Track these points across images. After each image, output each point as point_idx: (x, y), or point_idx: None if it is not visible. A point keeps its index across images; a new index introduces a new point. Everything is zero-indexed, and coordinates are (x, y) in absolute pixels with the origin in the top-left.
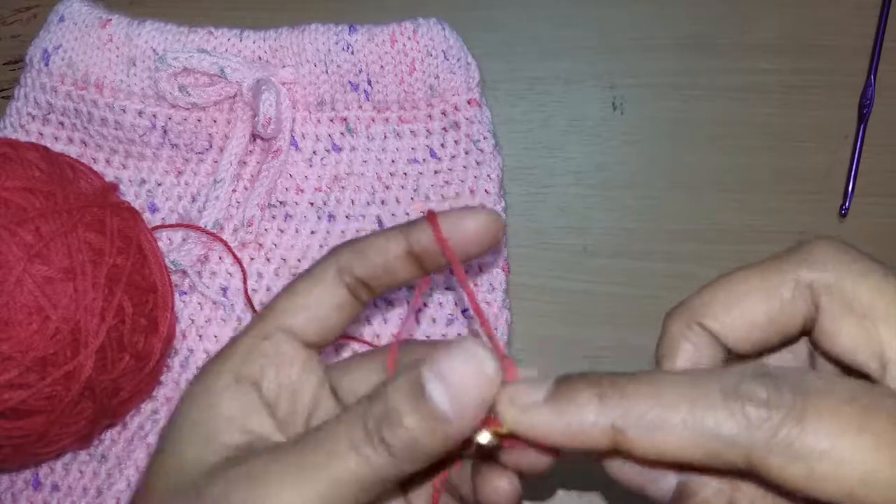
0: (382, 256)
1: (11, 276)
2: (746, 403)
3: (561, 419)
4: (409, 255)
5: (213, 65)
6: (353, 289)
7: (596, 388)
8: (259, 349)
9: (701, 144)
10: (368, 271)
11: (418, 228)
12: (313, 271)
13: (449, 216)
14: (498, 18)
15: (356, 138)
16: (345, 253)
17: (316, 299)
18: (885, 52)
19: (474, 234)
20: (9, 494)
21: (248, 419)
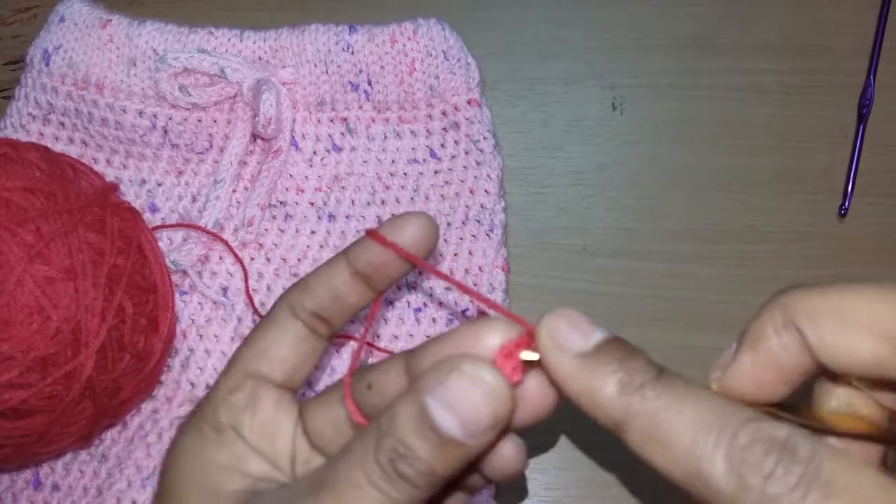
0: (328, 285)
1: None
2: (751, 471)
3: (581, 381)
4: (355, 276)
5: (213, 65)
6: (310, 324)
7: (626, 376)
8: (231, 399)
9: (701, 144)
10: (317, 302)
11: (358, 247)
12: (268, 316)
13: (386, 226)
14: (498, 18)
15: (356, 138)
16: (293, 291)
17: (273, 341)
18: (884, 52)
19: (414, 239)
20: (9, 494)
21: (243, 464)
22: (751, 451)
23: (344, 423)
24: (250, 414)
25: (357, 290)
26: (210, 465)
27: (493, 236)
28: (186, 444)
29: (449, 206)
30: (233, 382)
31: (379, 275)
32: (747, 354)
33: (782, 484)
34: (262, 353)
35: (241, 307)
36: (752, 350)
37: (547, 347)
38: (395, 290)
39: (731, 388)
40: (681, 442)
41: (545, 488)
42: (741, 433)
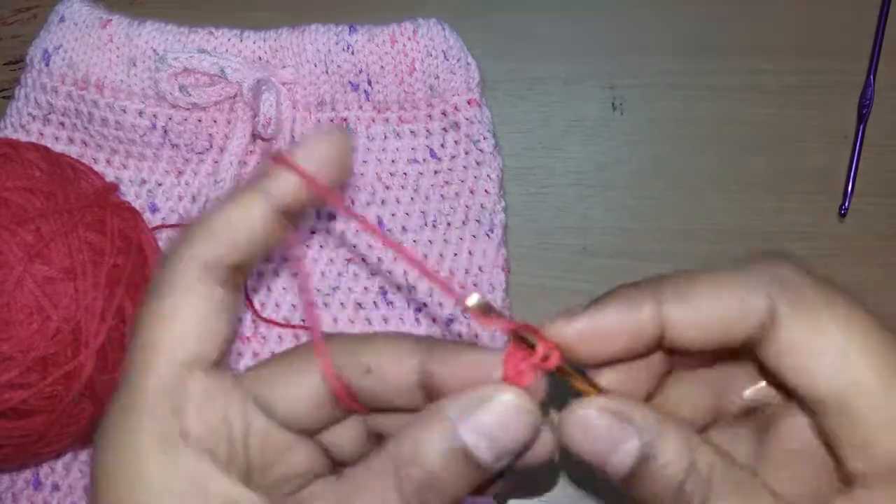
0: (249, 231)
1: (12, 276)
2: (780, 265)
3: (604, 317)
4: (275, 213)
5: (213, 65)
6: (227, 280)
7: (629, 286)
8: (166, 400)
9: (701, 144)
10: (238, 254)
11: (276, 179)
12: (174, 281)
13: (296, 151)
14: (498, 18)
15: (356, 138)
16: (200, 245)
17: (196, 317)
18: (884, 52)
19: (331, 158)
20: (9, 494)
21: (205, 487)
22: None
23: (326, 397)
24: (195, 413)
25: (277, 228)
26: (165, 495)
27: (493, 236)
28: (126, 470)
29: (449, 206)
30: (162, 377)
31: (298, 206)
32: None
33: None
34: (188, 335)
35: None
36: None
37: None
38: (395, 291)
39: None
40: (712, 289)
41: None
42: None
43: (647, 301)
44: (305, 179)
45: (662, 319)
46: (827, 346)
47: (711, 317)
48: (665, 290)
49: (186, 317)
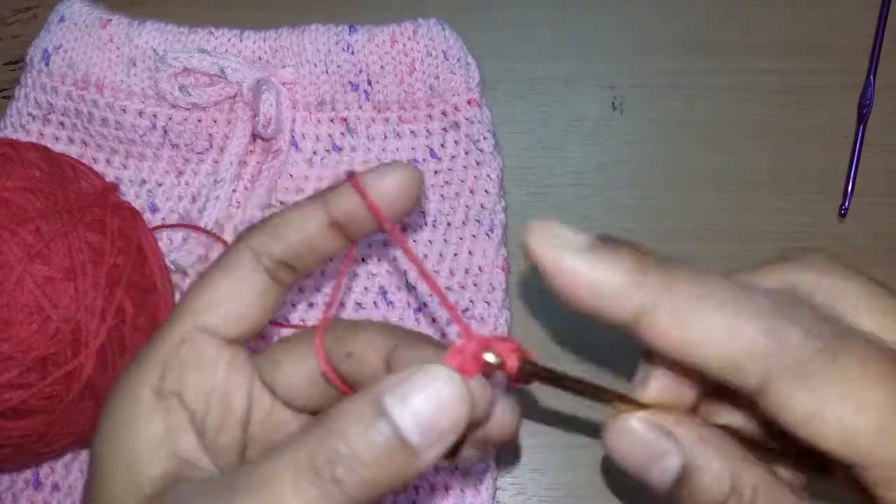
0: (301, 233)
1: (12, 276)
2: (792, 325)
3: (594, 272)
4: (332, 225)
5: (213, 65)
6: (274, 273)
7: (641, 261)
8: (177, 356)
9: (701, 144)
10: (288, 252)
11: (338, 194)
12: (226, 260)
13: (367, 175)
14: (498, 18)
15: (356, 138)
16: (258, 235)
17: (232, 292)
18: (884, 52)
19: (398, 189)
20: (9, 494)
21: (174, 442)
22: (789, 309)
23: (319, 376)
24: (198, 374)
25: (331, 240)
26: (139, 438)
27: (493, 236)
28: (119, 408)
29: (449, 206)
30: (181, 334)
31: (357, 226)
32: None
33: (822, 333)
34: (218, 304)
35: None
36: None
37: (544, 248)
38: (395, 291)
39: None
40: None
41: (545, 488)
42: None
43: (642, 292)
44: (367, 202)
45: (644, 316)
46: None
47: (694, 355)
48: (667, 288)
49: (223, 290)
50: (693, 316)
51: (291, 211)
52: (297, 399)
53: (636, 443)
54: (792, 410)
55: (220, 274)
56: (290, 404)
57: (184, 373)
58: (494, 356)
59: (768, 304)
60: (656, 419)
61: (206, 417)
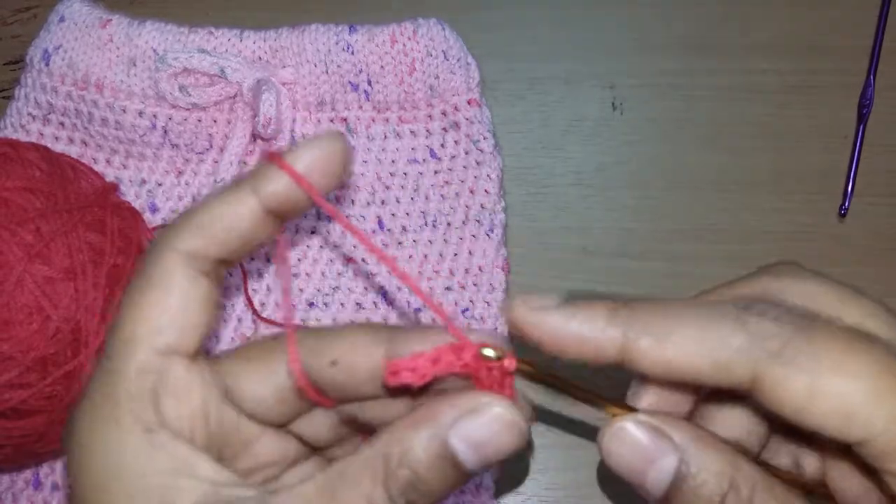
0: (234, 225)
1: (12, 276)
2: (760, 317)
3: (571, 324)
4: (264, 211)
5: (213, 65)
6: (210, 273)
7: (607, 305)
8: (144, 387)
9: (701, 144)
10: (222, 248)
11: (266, 179)
12: (157, 272)
13: (290, 153)
14: (498, 18)
15: (356, 138)
16: (184, 237)
17: (177, 307)
18: (884, 52)
19: (324, 161)
20: (9, 494)
21: (192, 472)
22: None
23: (289, 392)
24: (174, 401)
25: (266, 226)
26: (149, 477)
27: (493, 236)
28: (107, 461)
29: (449, 206)
30: (141, 363)
31: (289, 208)
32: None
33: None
34: (168, 324)
35: (240, 307)
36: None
37: (524, 314)
38: (395, 290)
39: None
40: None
41: (545, 488)
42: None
43: (617, 327)
44: (296, 180)
45: (628, 348)
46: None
47: (682, 367)
48: (638, 319)
49: (167, 306)
50: (671, 336)
51: (216, 203)
52: (264, 415)
53: (632, 444)
54: (789, 396)
55: (157, 290)
56: (257, 419)
57: (160, 403)
58: (494, 351)
59: (733, 308)
60: (652, 421)
61: (195, 442)
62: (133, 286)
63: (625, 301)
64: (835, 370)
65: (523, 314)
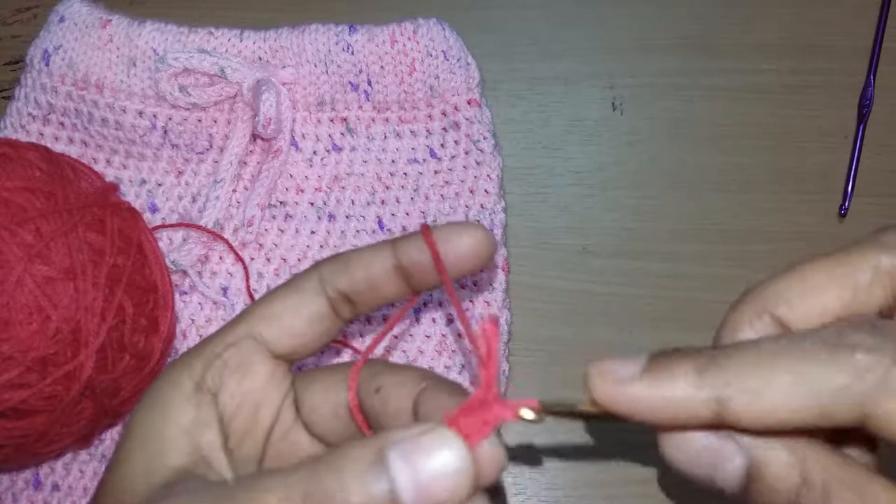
0: (367, 270)
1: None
2: (854, 352)
3: (658, 392)
4: (397, 270)
5: (213, 65)
6: (335, 303)
7: (693, 362)
8: (223, 356)
9: (701, 144)
10: (352, 285)
11: (409, 242)
12: (295, 280)
13: (443, 231)
14: (498, 18)
15: (356, 138)
16: (329, 264)
17: (292, 309)
18: (884, 52)
19: (469, 251)
20: (9, 494)
21: (199, 435)
22: (846, 339)
23: (343, 408)
24: (238, 378)
25: (394, 283)
26: (167, 426)
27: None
28: (160, 392)
29: (449, 206)
30: (234, 337)
31: (421, 276)
32: (826, 274)
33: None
34: (276, 317)
35: (241, 307)
36: (835, 268)
37: (606, 389)
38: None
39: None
40: (783, 388)
41: (545, 488)
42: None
43: (708, 389)
44: (433, 254)
45: (723, 409)
46: None
47: (785, 420)
48: (728, 377)
49: (282, 305)
50: (767, 389)
51: (365, 248)
52: (318, 425)
53: (698, 449)
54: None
55: (285, 291)
56: (309, 429)
57: (224, 373)
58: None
59: (822, 345)
60: None
61: (233, 421)
62: (279, 285)
63: (709, 353)
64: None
65: (608, 391)
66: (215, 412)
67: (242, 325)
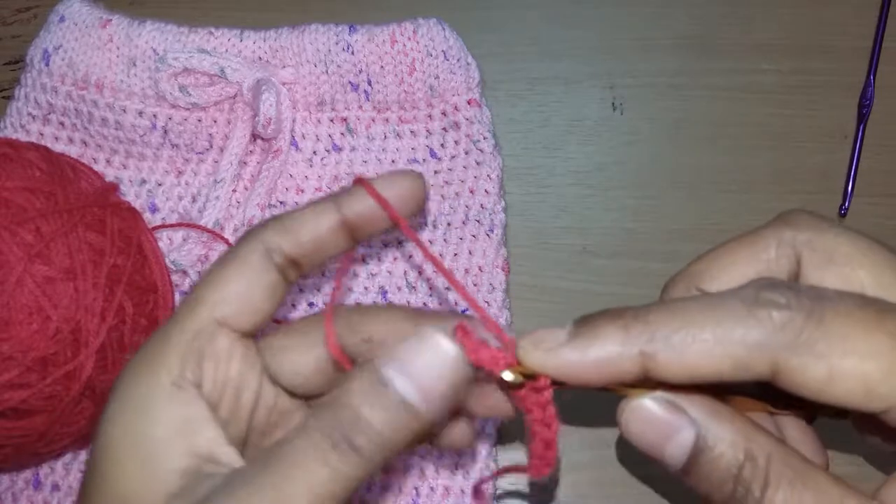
0: (314, 231)
1: (12, 276)
2: (770, 309)
3: (588, 354)
4: (343, 226)
5: (213, 65)
6: (283, 269)
7: (618, 320)
8: (194, 346)
9: (701, 144)
10: (299, 249)
11: (350, 196)
12: (238, 253)
13: (379, 181)
14: (498, 18)
15: (356, 138)
16: (270, 232)
17: (246, 285)
18: (884, 52)
19: (407, 193)
20: (9, 494)
21: (194, 435)
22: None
23: (327, 363)
24: (213, 365)
25: (339, 240)
26: (156, 427)
27: (493, 236)
28: (133, 398)
29: (449, 206)
30: (196, 325)
31: (364, 226)
32: (740, 251)
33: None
34: (234, 297)
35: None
36: (748, 246)
37: (540, 357)
38: (395, 290)
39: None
40: (705, 342)
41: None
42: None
43: (634, 345)
44: (380, 202)
45: (648, 363)
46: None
47: (703, 372)
48: (652, 332)
49: (237, 284)
50: (687, 346)
51: (303, 211)
52: (302, 387)
53: (650, 420)
54: (809, 382)
55: (233, 268)
56: (293, 392)
57: (201, 363)
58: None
59: (742, 303)
60: (668, 397)
61: (219, 410)
62: (217, 262)
63: (633, 311)
64: (849, 352)
65: (537, 358)
66: (204, 405)
67: (201, 311)
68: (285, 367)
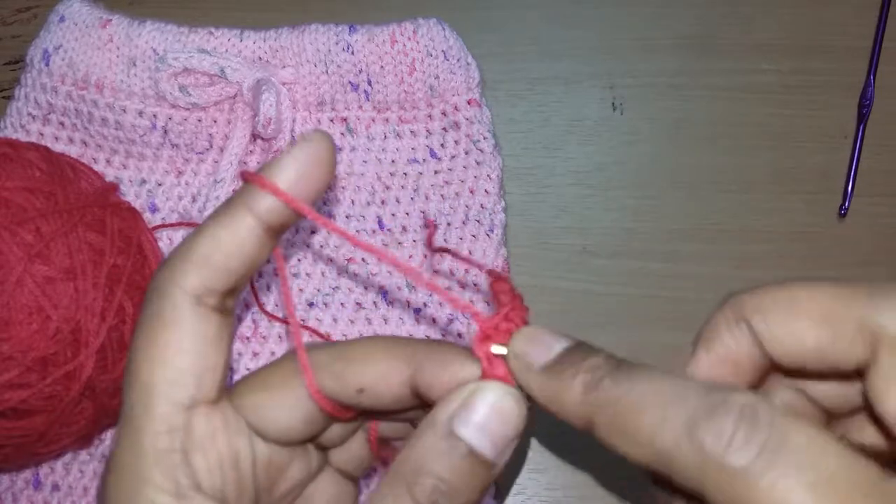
0: (240, 252)
1: (12, 276)
2: (710, 439)
3: (548, 390)
4: (266, 230)
5: (213, 65)
6: (220, 308)
7: (587, 375)
8: (175, 447)
9: (701, 144)
10: (230, 279)
11: (257, 198)
12: (164, 318)
13: (273, 167)
14: (498, 18)
15: (356, 138)
16: (188, 273)
17: (194, 355)
18: (884, 52)
19: (310, 166)
20: (9, 494)
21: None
22: (713, 420)
23: (317, 413)
24: (202, 456)
25: (266, 245)
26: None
27: (493, 236)
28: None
29: (449, 206)
30: (167, 422)
31: (285, 220)
32: (703, 351)
33: (744, 454)
34: (188, 370)
35: (240, 307)
36: (707, 347)
37: (517, 369)
38: (395, 290)
39: None
40: (642, 424)
41: (545, 488)
42: (699, 404)
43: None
44: (281, 197)
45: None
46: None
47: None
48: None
49: (183, 354)
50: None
51: (214, 230)
52: (293, 439)
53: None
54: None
55: (169, 332)
56: (287, 444)
57: (191, 462)
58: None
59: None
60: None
61: (225, 493)
62: (144, 326)
63: (609, 369)
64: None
65: (515, 368)
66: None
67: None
68: (270, 426)
